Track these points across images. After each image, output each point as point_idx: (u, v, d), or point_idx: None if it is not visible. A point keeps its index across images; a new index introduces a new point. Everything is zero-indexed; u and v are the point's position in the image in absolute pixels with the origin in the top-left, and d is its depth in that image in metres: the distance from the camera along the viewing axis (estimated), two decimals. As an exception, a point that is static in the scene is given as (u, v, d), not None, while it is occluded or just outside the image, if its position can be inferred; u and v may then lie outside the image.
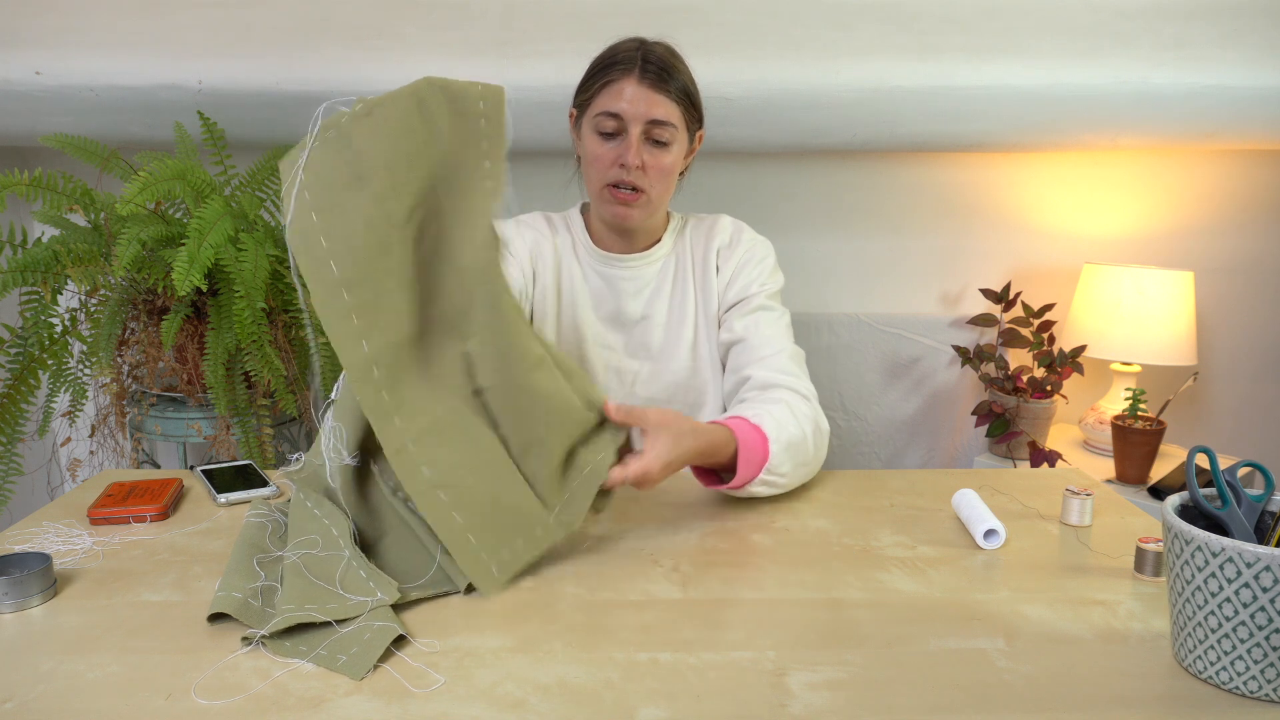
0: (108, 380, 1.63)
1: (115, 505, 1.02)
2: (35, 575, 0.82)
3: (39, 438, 1.65)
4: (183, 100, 1.72)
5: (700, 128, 1.29)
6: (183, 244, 1.40)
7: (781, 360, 1.21)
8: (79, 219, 1.64)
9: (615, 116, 1.18)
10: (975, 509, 1.01)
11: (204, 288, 1.42)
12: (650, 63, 1.18)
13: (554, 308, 1.32)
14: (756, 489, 1.05)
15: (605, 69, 1.20)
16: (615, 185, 1.21)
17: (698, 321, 1.32)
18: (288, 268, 1.54)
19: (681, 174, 1.30)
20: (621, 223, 1.26)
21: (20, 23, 1.69)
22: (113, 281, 1.52)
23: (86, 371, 1.59)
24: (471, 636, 0.77)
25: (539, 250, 1.33)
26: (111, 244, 1.43)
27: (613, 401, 0.95)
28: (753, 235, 1.34)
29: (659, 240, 1.33)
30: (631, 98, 1.17)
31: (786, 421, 1.07)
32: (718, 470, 1.07)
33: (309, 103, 1.72)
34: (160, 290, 1.52)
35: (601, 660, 0.73)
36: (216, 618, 0.78)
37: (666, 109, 1.19)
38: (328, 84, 1.72)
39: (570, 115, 1.29)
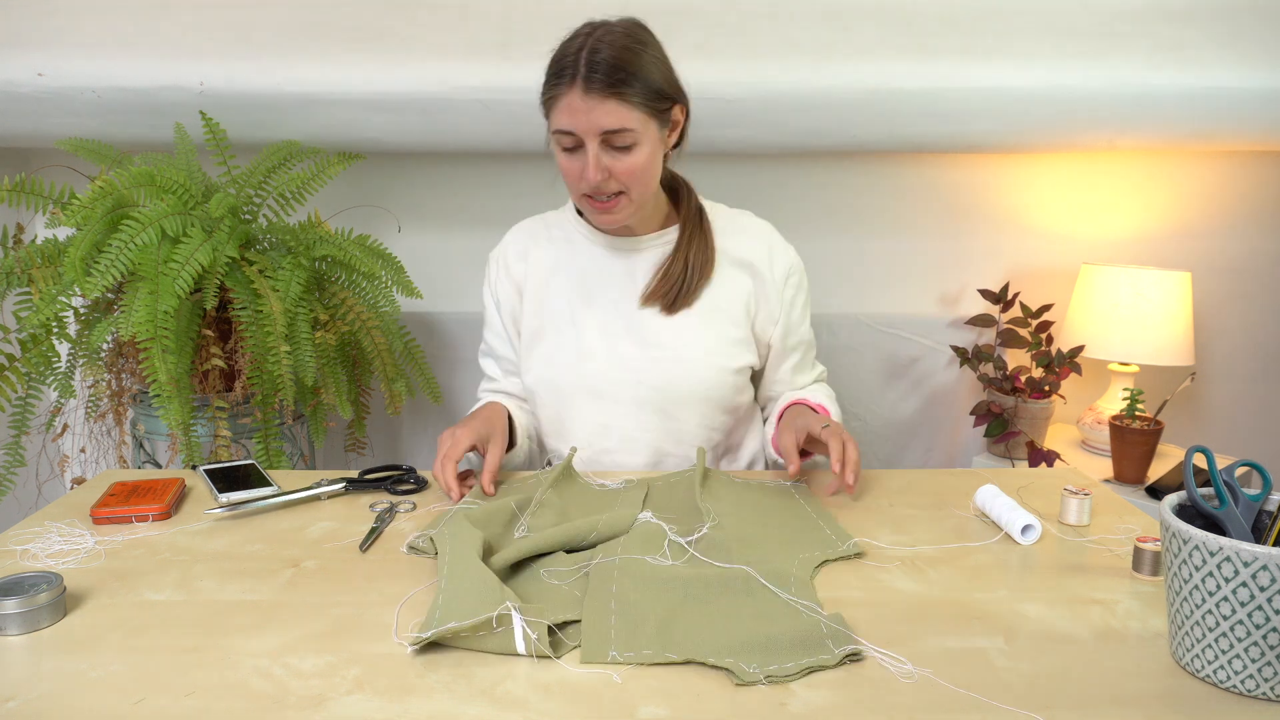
0: (93, 381, 1.63)
1: (118, 505, 1.02)
2: (45, 609, 0.78)
3: (46, 431, 1.65)
4: (184, 101, 1.72)
5: (676, 104, 1.20)
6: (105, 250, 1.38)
7: (809, 379, 1.41)
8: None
9: (569, 133, 1.13)
10: (1007, 506, 1.02)
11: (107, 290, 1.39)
12: (595, 68, 1.09)
13: (564, 293, 1.30)
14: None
15: (553, 78, 1.14)
16: (590, 195, 1.19)
17: (715, 307, 1.28)
18: (259, 272, 1.54)
19: (675, 148, 1.26)
20: (609, 227, 1.26)
21: (23, 24, 1.70)
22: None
23: (76, 370, 1.59)
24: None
25: (530, 257, 1.33)
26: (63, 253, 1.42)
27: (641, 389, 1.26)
28: (794, 259, 1.33)
29: (667, 221, 1.31)
30: (579, 111, 1.11)
31: (830, 401, 1.36)
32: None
33: (310, 104, 1.75)
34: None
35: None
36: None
37: (618, 115, 1.11)
38: (329, 85, 1.73)
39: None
